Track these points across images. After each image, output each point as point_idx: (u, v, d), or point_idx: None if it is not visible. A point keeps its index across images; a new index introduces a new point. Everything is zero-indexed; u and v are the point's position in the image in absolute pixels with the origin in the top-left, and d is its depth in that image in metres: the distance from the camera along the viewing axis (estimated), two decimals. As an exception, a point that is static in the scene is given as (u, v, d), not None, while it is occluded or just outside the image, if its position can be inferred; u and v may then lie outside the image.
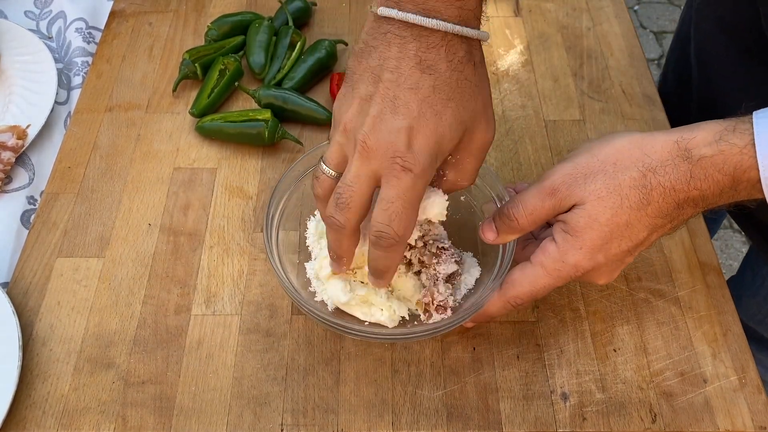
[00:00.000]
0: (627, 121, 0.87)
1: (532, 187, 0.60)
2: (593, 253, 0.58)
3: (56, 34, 0.98)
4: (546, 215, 0.59)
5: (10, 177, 0.81)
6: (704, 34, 0.88)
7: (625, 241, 0.58)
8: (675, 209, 0.56)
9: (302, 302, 0.63)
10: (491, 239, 0.62)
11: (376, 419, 0.63)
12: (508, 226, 0.60)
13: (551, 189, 0.58)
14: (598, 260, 0.58)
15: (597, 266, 0.59)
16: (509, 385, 0.66)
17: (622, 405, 0.64)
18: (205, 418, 0.63)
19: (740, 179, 0.54)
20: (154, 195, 0.79)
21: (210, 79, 0.87)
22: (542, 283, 0.60)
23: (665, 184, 0.55)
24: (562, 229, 0.59)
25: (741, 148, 0.53)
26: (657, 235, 0.59)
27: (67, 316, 0.70)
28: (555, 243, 0.59)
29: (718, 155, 0.54)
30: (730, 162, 0.53)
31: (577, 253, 0.58)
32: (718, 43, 0.84)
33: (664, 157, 0.56)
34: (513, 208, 0.60)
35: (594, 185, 0.57)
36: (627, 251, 0.58)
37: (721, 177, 0.54)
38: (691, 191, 0.55)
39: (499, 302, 0.62)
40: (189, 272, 0.73)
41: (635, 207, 0.56)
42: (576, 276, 0.60)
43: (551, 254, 0.59)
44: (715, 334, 0.69)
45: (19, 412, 0.64)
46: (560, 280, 0.60)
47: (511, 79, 0.92)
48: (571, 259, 0.58)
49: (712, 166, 0.54)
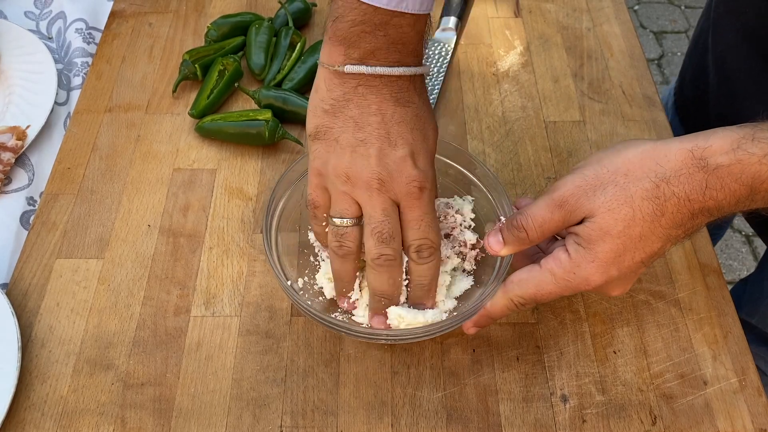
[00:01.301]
0: (627, 122, 0.87)
1: (540, 199, 0.58)
2: (606, 266, 0.56)
3: (56, 34, 0.98)
4: (555, 227, 0.58)
5: (10, 178, 0.81)
6: (725, 44, 0.87)
7: (639, 253, 0.56)
8: (689, 219, 0.55)
9: (300, 301, 0.63)
10: (497, 250, 0.61)
11: (376, 421, 0.63)
12: (517, 237, 0.59)
13: (561, 201, 0.57)
14: (611, 274, 0.57)
15: (610, 279, 0.57)
16: (509, 387, 0.65)
17: (622, 407, 0.64)
18: (204, 419, 0.63)
19: (758, 189, 0.52)
20: (153, 196, 0.79)
21: (210, 80, 0.87)
22: (548, 289, 0.59)
23: (680, 194, 0.54)
24: (574, 241, 0.57)
25: (760, 158, 0.51)
26: (670, 244, 0.57)
27: (66, 318, 0.70)
28: (567, 253, 0.58)
29: (735, 164, 0.52)
30: (748, 172, 0.52)
31: (590, 266, 0.57)
32: (740, 51, 0.83)
33: (678, 166, 0.54)
34: (523, 219, 0.59)
35: (604, 197, 0.56)
36: (640, 262, 0.57)
37: (738, 187, 0.52)
38: (706, 201, 0.54)
39: (502, 300, 0.61)
40: (188, 273, 0.73)
41: (648, 219, 0.55)
42: (586, 289, 0.59)
43: (563, 263, 0.58)
44: (715, 336, 0.69)
45: (18, 413, 0.64)
46: (567, 290, 0.59)
47: (511, 80, 0.92)
48: (583, 272, 0.57)
49: (729, 176, 0.52)
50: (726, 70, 0.87)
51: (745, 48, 0.82)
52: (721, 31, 0.88)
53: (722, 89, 0.89)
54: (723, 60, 0.88)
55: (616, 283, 0.59)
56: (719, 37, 0.89)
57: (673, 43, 2.41)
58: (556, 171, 0.82)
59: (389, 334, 0.63)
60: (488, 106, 0.89)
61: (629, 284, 0.60)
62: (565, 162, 0.83)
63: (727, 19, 0.86)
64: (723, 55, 0.88)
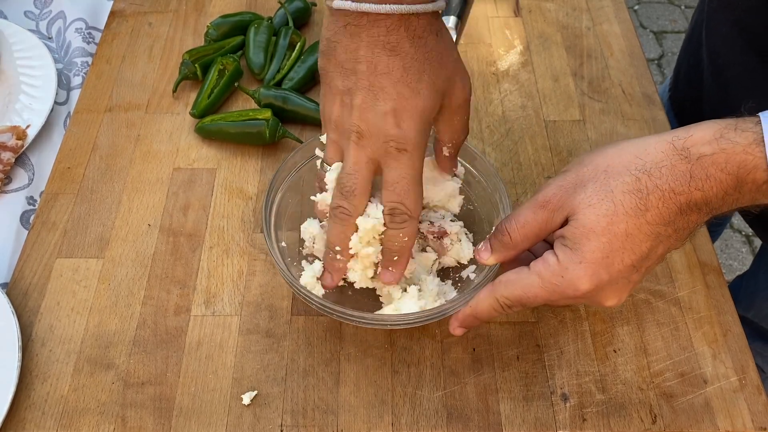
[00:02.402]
0: (627, 121, 0.87)
1: (525, 203, 0.58)
2: (595, 267, 0.54)
3: (56, 34, 0.98)
4: (539, 228, 0.57)
5: (10, 177, 0.81)
6: (719, 38, 0.87)
7: (628, 253, 0.54)
8: (677, 215, 0.53)
9: (297, 286, 0.63)
10: (485, 258, 0.60)
11: (376, 420, 0.63)
12: (501, 242, 0.59)
13: (543, 201, 0.56)
14: (601, 277, 0.54)
15: (600, 285, 0.55)
16: (509, 385, 0.65)
17: (622, 406, 0.64)
18: (204, 418, 0.63)
19: (744, 180, 0.51)
20: (153, 195, 0.79)
21: (210, 80, 0.87)
22: (535, 291, 0.56)
23: (663, 186, 0.52)
24: (561, 243, 0.56)
25: (744, 147, 0.51)
26: (663, 247, 0.55)
27: (66, 317, 0.70)
28: (556, 256, 0.56)
29: (719, 154, 0.51)
30: (733, 161, 0.51)
31: (577, 267, 0.54)
32: (734, 46, 0.83)
33: (659, 158, 0.53)
34: (506, 222, 0.58)
35: (584, 194, 0.54)
36: (631, 266, 0.55)
37: (724, 177, 0.51)
38: (692, 192, 0.52)
39: (488, 298, 0.59)
40: (189, 273, 0.73)
41: (632, 214, 0.53)
42: (575, 297, 0.56)
43: (551, 266, 0.55)
44: (715, 335, 0.69)
45: (19, 412, 0.64)
46: (555, 295, 0.56)
47: (511, 80, 0.92)
48: (571, 275, 0.54)
49: (713, 165, 0.51)
50: (720, 64, 0.87)
51: (739, 42, 0.82)
52: (715, 25, 0.88)
53: (716, 84, 0.89)
54: (717, 54, 0.88)
55: (609, 290, 0.56)
56: (713, 31, 0.89)
57: (673, 43, 2.42)
58: (556, 170, 0.82)
59: (385, 320, 0.63)
60: (488, 105, 0.89)
61: (624, 294, 0.57)
62: (565, 161, 0.83)
63: (720, 13, 0.86)
64: (717, 49, 0.88)
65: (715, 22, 0.88)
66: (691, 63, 0.99)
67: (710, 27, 0.90)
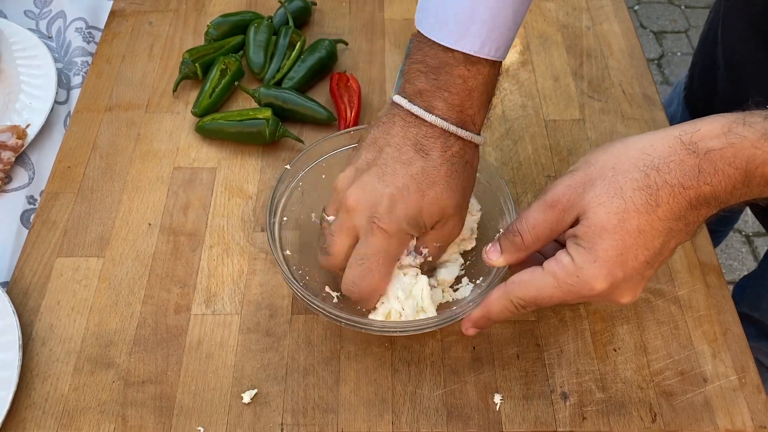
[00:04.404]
0: (627, 120, 0.87)
1: (534, 203, 0.58)
2: (609, 266, 0.54)
3: (56, 33, 0.98)
4: (549, 229, 0.57)
5: (10, 176, 0.81)
6: (734, 37, 0.87)
7: (641, 250, 0.54)
8: (688, 209, 0.53)
9: (300, 290, 0.63)
10: (494, 259, 0.60)
11: (376, 418, 0.63)
12: (512, 243, 0.58)
13: (552, 201, 0.56)
14: (617, 276, 0.54)
15: (616, 283, 0.55)
16: (509, 384, 0.65)
17: (621, 404, 0.64)
18: (205, 417, 0.63)
19: (753, 174, 0.51)
20: (154, 195, 0.79)
21: (211, 79, 0.87)
22: (549, 292, 0.56)
23: (672, 181, 0.52)
24: (574, 242, 0.55)
25: (753, 141, 0.50)
26: (675, 241, 0.55)
27: (67, 316, 0.70)
28: (569, 256, 0.55)
29: (727, 148, 0.51)
30: (741, 156, 0.51)
31: (592, 267, 0.54)
32: (749, 44, 0.82)
33: (666, 153, 0.53)
34: (516, 223, 0.58)
35: (594, 192, 0.54)
36: (645, 262, 0.54)
37: (733, 171, 0.51)
38: (702, 187, 0.52)
39: (501, 300, 0.59)
40: (189, 272, 0.73)
41: (643, 210, 0.53)
42: (591, 296, 0.55)
43: (565, 266, 0.55)
44: (715, 334, 0.69)
45: (19, 412, 0.64)
46: (570, 296, 0.56)
47: (511, 79, 0.92)
48: (586, 275, 0.54)
49: (722, 160, 0.51)
50: (735, 62, 0.87)
51: (754, 41, 0.81)
52: (731, 23, 0.88)
53: (731, 82, 0.88)
54: (732, 52, 0.87)
55: (623, 287, 0.55)
56: (729, 29, 0.88)
57: (673, 43, 2.42)
58: (556, 169, 0.82)
59: (387, 327, 0.63)
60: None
61: (638, 290, 0.57)
62: (565, 161, 0.83)
63: (735, 11, 0.86)
64: (732, 47, 0.87)
65: (731, 19, 0.88)
66: (705, 63, 0.98)
67: (726, 25, 0.90)
